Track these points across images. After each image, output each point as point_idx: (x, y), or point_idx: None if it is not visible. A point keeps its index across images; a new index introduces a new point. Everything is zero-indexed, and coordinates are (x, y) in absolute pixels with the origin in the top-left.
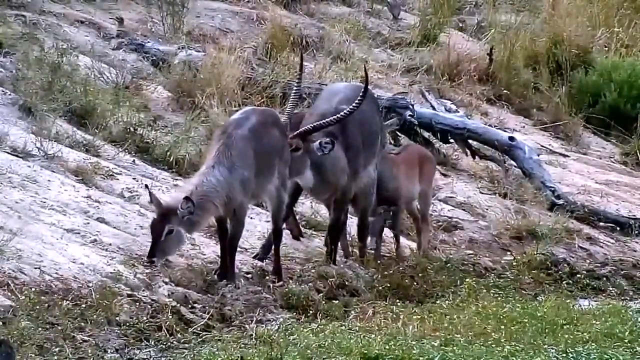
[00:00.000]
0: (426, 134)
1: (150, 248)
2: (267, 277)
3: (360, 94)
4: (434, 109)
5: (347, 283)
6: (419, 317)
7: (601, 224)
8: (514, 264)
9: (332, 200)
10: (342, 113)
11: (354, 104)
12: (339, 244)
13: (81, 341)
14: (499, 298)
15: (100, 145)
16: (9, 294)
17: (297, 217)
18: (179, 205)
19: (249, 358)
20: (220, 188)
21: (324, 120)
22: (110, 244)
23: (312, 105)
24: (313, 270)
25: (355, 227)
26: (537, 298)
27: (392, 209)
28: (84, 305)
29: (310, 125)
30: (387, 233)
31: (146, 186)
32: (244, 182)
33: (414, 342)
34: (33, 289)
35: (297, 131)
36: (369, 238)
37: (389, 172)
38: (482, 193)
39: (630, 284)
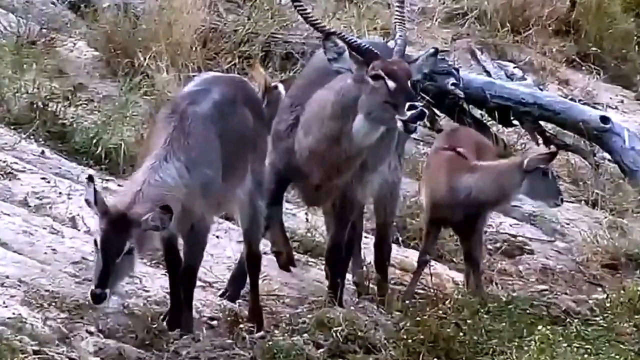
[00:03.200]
0: (478, 113)
1: (99, 273)
2: (242, 325)
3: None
4: (489, 75)
5: (359, 334)
6: None
7: None
8: (608, 304)
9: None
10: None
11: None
12: (350, 275)
13: None
14: (587, 355)
15: None
16: None
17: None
18: (145, 214)
19: None
20: (176, 192)
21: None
22: (7, 277)
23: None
24: (310, 315)
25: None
26: None
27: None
28: None
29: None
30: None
31: (89, 178)
32: (206, 185)
33: None
34: None
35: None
36: None
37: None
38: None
39: None
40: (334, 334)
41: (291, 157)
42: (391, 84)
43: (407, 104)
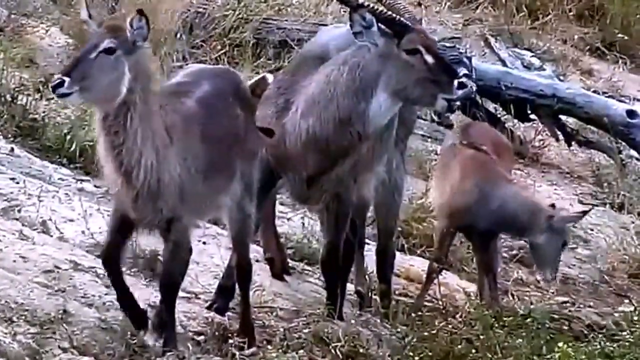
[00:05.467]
0: (492, 106)
1: (69, 63)
2: (231, 341)
3: None
4: (504, 64)
5: (361, 350)
6: None
7: None
8: (636, 318)
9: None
10: None
11: None
12: (351, 285)
13: None
14: None
15: None
16: None
17: (280, 241)
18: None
19: None
20: None
21: None
22: None
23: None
24: (306, 330)
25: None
26: None
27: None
28: None
29: None
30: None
31: None
32: (191, 180)
33: None
34: None
35: None
36: None
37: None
38: (583, 203)
39: None
40: (333, 351)
41: (279, 145)
42: (430, 59)
43: (456, 81)
